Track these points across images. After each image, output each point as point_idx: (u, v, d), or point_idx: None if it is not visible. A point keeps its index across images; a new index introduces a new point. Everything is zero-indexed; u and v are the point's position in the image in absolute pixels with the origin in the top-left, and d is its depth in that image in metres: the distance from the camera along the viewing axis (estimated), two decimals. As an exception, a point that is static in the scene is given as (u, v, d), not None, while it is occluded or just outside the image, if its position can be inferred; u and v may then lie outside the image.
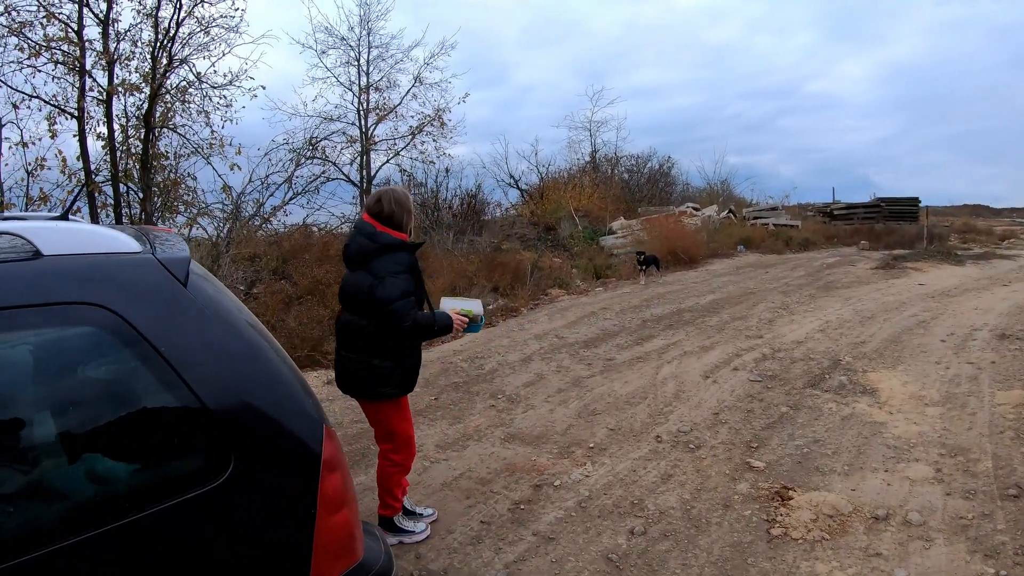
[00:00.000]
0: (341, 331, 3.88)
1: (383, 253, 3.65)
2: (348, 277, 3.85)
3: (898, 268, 16.17)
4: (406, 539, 4.08)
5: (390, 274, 3.57)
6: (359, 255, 3.71)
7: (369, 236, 3.68)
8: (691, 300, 11.99)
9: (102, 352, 1.76)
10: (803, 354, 8.09)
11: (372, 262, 3.64)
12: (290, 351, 7.81)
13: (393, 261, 3.63)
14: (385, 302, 3.53)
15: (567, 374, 7.44)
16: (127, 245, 1.85)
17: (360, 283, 3.66)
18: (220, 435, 1.75)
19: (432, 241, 14.78)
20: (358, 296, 3.68)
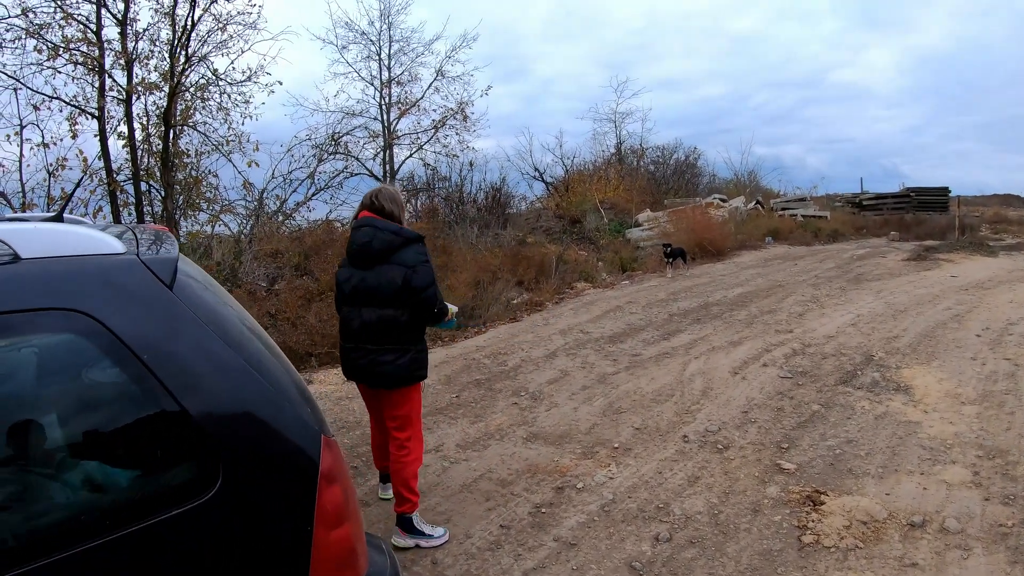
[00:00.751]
0: (368, 328, 3.91)
1: (408, 245, 3.85)
2: (365, 274, 3.91)
3: (930, 260, 15.83)
4: (423, 542, 4.05)
5: (420, 263, 3.82)
6: (386, 249, 3.83)
7: (395, 232, 3.85)
8: (719, 293, 11.77)
9: (81, 360, 1.64)
10: (834, 349, 7.88)
11: (399, 254, 3.81)
12: (310, 348, 7.80)
13: (417, 251, 3.87)
14: (421, 289, 3.79)
15: (592, 370, 7.29)
16: (110, 246, 1.73)
17: (389, 276, 3.81)
18: (207, 447, 1.63)
19: (455, 235, 14.65)
20: (386, 289, 3.82)
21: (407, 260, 3.80)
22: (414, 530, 4.05)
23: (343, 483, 1.90)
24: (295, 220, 15.91)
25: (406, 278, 3.78)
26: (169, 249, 1.91)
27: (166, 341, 1.65)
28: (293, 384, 1.90)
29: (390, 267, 3.81)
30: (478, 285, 10.85)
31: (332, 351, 7.92)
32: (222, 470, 1.63)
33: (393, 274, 3.80)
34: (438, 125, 19.27)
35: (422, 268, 3.83)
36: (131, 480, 1.66)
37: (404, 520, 4.04)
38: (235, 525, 1.66)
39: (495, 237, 15.49)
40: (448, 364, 7.74)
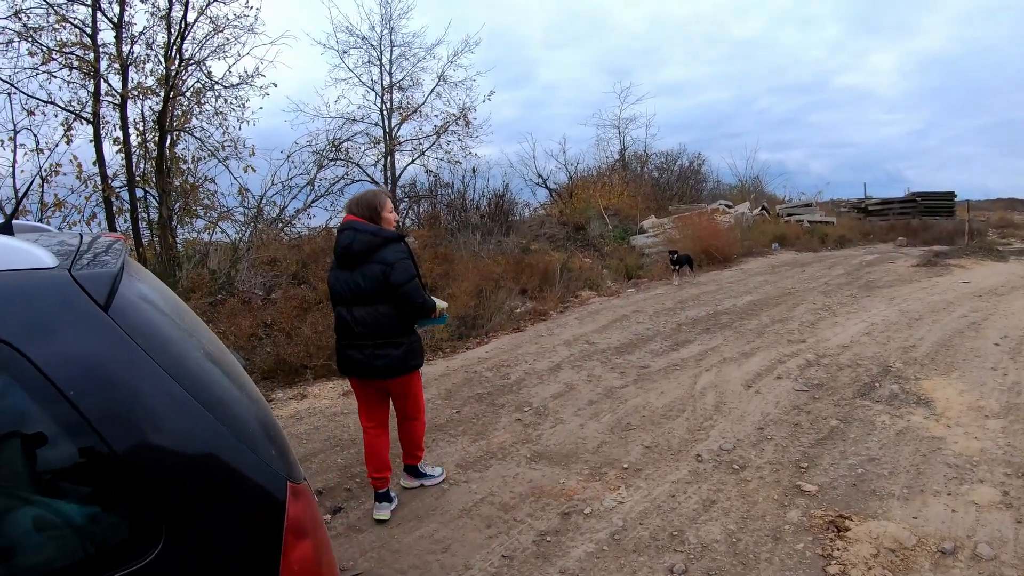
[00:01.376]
0: (360, 325, 4.22)
1: (387, 244, 4.17)
2: (350, 275, 4.22)
3: (940, 265, 15.53)
4: (427, 482, 4.89)
5: (399, 261, 4.15)
6: (367, 249, 4.14)
7: (373, 233, 4.17)
8: (728, 301, 11.48)
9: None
10: (850, 360, 7.58)
11: (379, 253, 4.14)
12: (305, 360, 7.51)
13: (396, 250, 4.20)
14: (400, 284, 4.12)
15: (598, 384, 7.00)
16: (38, 260, 1.44)
17: (372, 274, 4.13)
18: (146, 500, 1.35)
19: (457, 242, 14.38)
20: (368, 287, 4.15)
21: (386, 258, 4.13)
22: (420, 473, 4.89)
23: (315, 537, 1.60)
24: (295, 227, 15.70)
25: (385, 275, 4.11)
26: (110, 262, 1.62)
27: (97, 373, 1.36)
28: (257, 421, 1.60)
29: (372, 266, 4.14)
30: (480, 294, 10.57)
31: (328, 363, 7.64)
32: (165, 528, 1.35)
33: (375, 272, 4.13)
34: (440, 131, 19.01)
35: (400, 265, 4.14)
36: (47, 541, 1.36)
37: (411, 468, 4.87)
38: (181, 596, 1.37)
39: (498, 244, 15.21)
40: (448, 377, 7.45)
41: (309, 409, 6.63)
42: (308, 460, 5.44)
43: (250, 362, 7.72)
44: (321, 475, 5.16)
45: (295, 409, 6.66)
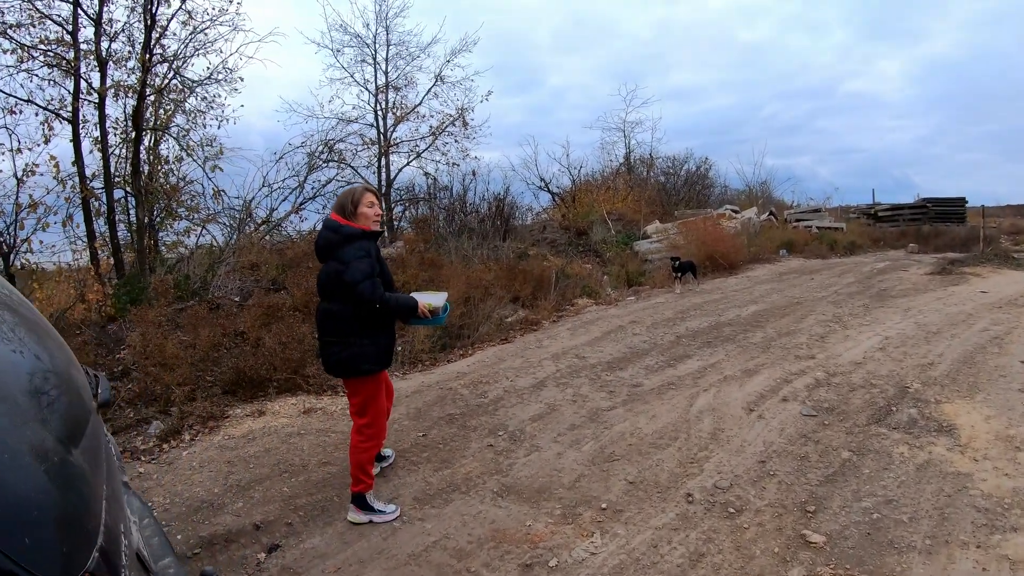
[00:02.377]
0: (320, 319, 4.31)
1: (347, 243, 4.11)
2: (321, 269, 4.32)
3: (956, 274, 14.85)
4: (376, 518, 4.36)
5: (355, 259, 4.06)
6: (326, 246, 4.19)
7: (333, 229, 4.17)
8: (731, 312, 10.80)
9: None
10: (863, 379, 6.91)
11: (338, 251, 4.12)
12: (268, 373, 6.88)
13: (356, 247, 4.10)
14: (353, 284, 4.03)
15: (584, 405, 6.33)
16: None
17: (330, 271, 4.17)
18: None
19: (448, 247, 13.73)
20: (329, 283, 4.20)
21: (344, 256, 4.08)
22: (367, 506, 4.37)
23: None
24: (285, 230, 15.15)
25: (339, 272, 4.09)
26: None
27: None
28: (45, 493, 0.97)
29: (331, 263, 4.18)
30: (468, 302, 9.91)
31: (292, 377, 7.02)
32: None
33: (331, 269, 4.16)
34: (436, 132, 18.41)
35: (356, 264, 4.04)
36: None
37: (358, 498, 4.37)
38: None
39: (493, 250, 14.57)
40: (421, 394, 6.81)
41: (264, 428, 5.99)
42: (252, 487, 4.81)
43: (216, 372, 7.13)
44: (262, 506, 4.54)
45: (249, 428, 6.03)
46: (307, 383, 7.05)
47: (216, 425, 6.11)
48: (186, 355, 7.20)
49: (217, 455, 5.43)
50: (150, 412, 6.42)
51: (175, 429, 5.98)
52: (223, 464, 5.25)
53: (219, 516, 4.42)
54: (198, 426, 6.08)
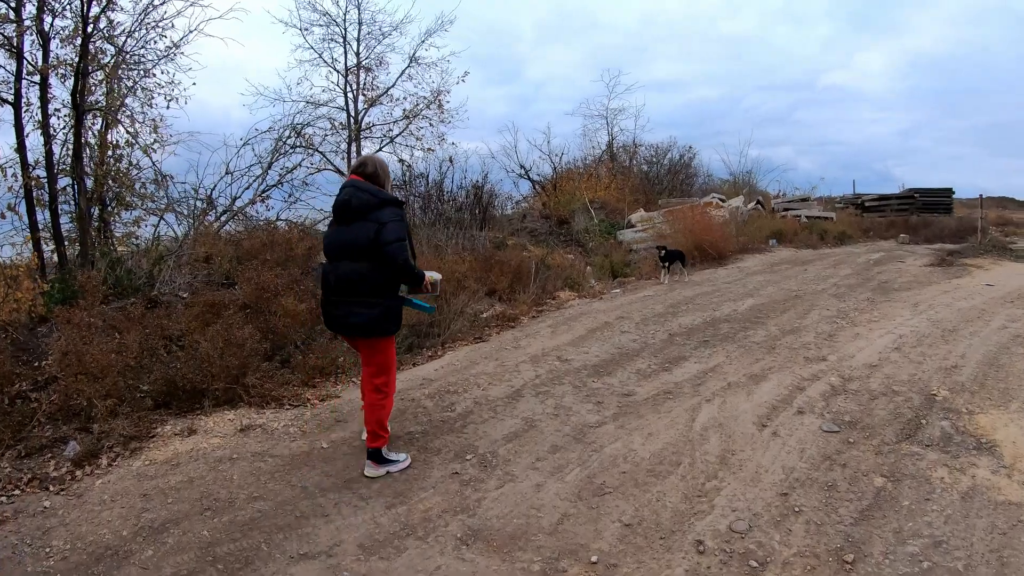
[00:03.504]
0: (342, 281, 4.37)
1: (384, 206, 4.31)
2: (343, 231, 4.40)
3: (956, 265, 14.21)
4: (392, 468, 4.57)
5: (392, 220, 4.27)
6: (362, 207, 4.31)
7: (372, 193, 4.35)
8: (727, 306, 9.93)
9: None
10: (882, 384, 6.08)
11: (375, 213, 4.27)
12: (204, 383, 5.93)
13: (392, 212, 4.31)
14: (386, 243, 4.20)
15: (567, 420, 5.40)
16: None
17: (363, 232, 4.26)
18: None
19: (419, 237, 12.76)
20: (358, 243, 4.28)
21: (381, 218, 4.25)
22: (383, 460, 4.57)
23: None
24: (252, 220, 14.06)
25: (377, 233, 4.21)
26: None
27: None
28: None
29: (365, 223, 4.27)
30: (438, 297, 8.96)
31: (232, 387, 6.06)
32: None
33: (367, 229, 4.25)
34: (409, 115, 17.40)
35: (392, 225, 4.25)
36: None
37: (375, 453, 4.56)
38: None
39: (469, 239, 13.61)
40: (379, 407, 5.89)
41: (192, 451, 5.04)
42: (167, 529, 3.87)
43: (143, 384, 6.17)
44: (176, 555, 3.60)
45: (175, 451, 5.07)
46: (248, 394, 6.08)
47: (139, 447, 5.15)
48: (116, 362, 6.23)
49: (133, 486, 4.48)
50: (69, 429, 5.46)
51: (92, 451, 5.02)
52: (138, 498, 4.31)
53: (122, 569, 3.48)
54: (119, 447, 5.11)
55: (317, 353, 7.09)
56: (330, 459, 4.82)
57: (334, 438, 5.20)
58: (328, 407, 5.93)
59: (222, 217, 13.61)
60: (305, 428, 5.45)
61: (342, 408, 5.86)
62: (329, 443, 5.10)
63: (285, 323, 7.47)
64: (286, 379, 6.63)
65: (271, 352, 7.24)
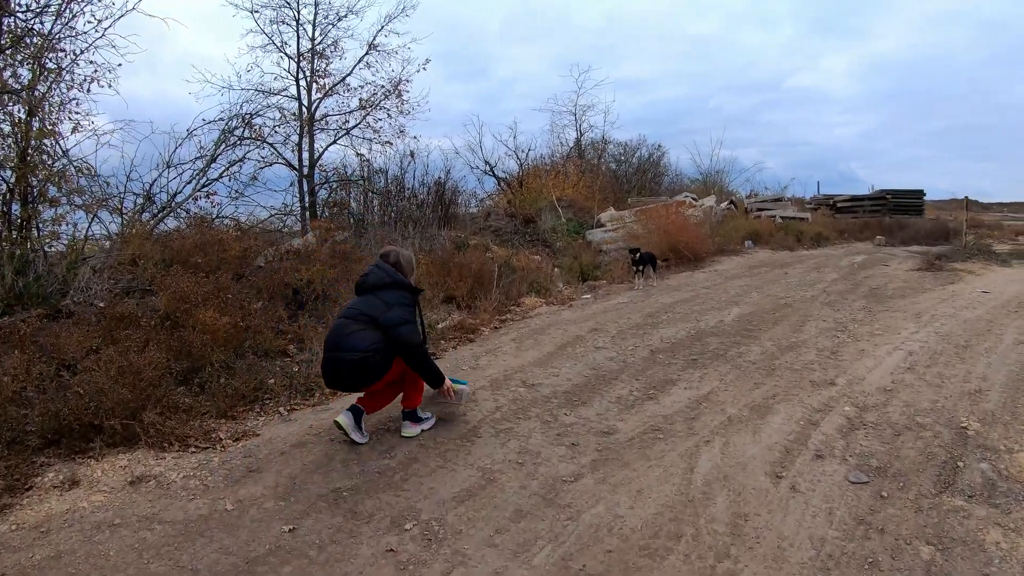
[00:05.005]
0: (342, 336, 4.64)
1: (394, 288, 4.77)
2: (356, 301, 4.86)
3: (946, 271, 13.39)
4: (425, 426, 4.96)
5: (399, 304, 4.69)
6: (376, 284, 4.81)
7: (389, 274, 4.84)
8: (711, 315, 8.95)
9: None
10: (904, 415, 5.15)
11: (384, 292, 4.74)
12: (98, 419, 4.82)
13: (399, 296, 4.74)
14: (394, 324, 4.60)
15: (535, 470, 4.34)
16: None
17: (374, 304, 4.70)
18: None
19: (370, 238, 11.62)
20: (368, 314, 4.66)
21: (388, 299, 4.70)
22: (418, 419, 4.94)
23: None
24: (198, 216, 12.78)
25: (381, 311, 4.64)
26: None
27: None
28: None
29: (375, 298, 4.73)
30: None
31: (129, 423, 4.92)
32: None
33: (377, 304, 4.68)
34: (366, 105, 16.23)
35: (398, 308, 4.67)
36: None
37: (411, 414, 4.91)
38: None
39: (428, 239, 12.51)
40: (301, 451, 4.75)
41: (68, 513, 3.90)
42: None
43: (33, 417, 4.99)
44: None
45: (48, 511, 3.93)
46: (147, 433, 4.94)
47: (11, 503, 4.02)
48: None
49: (-17, 564, 3.38)
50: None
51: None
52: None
53: None
54: (-12, 503, 4.00)
55: (240, 377, 5.99)
56: (233, 527, 3.73)
57: (242, 495, 4.10)
58: (241, 450, 4.81)
59: (159, 214, 12.35)
60: (208, 480, 4.34)
61: (258, 451, 4.75)
62: (235, 503, 4.01)
63: (204, 340, 6.35)
64: (203, 408, 5.50)
65: (187, 375, 6.12)
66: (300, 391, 6.00)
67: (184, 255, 9.07)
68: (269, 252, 9.81)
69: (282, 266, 8.57)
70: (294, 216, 14.65)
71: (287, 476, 4.34)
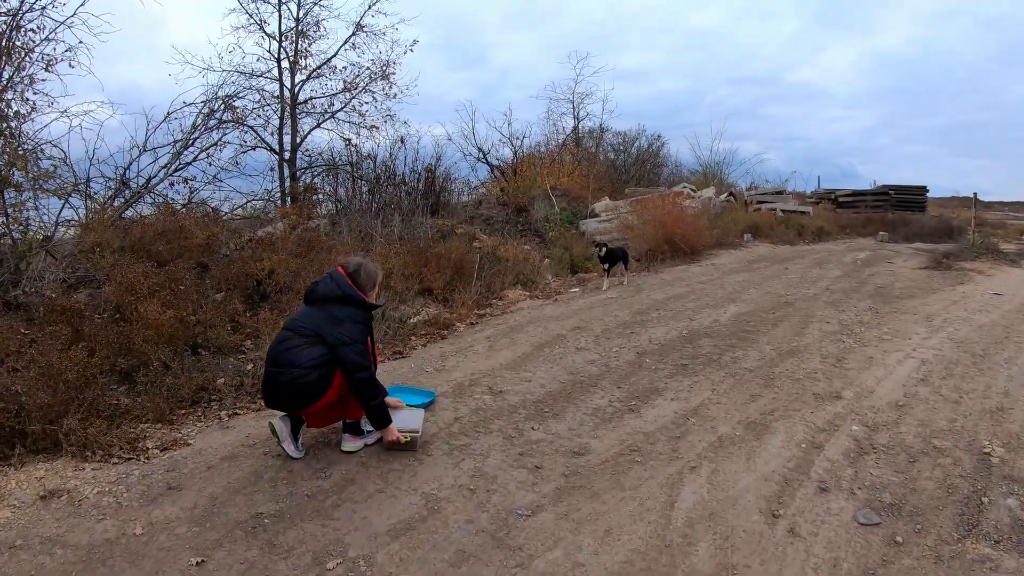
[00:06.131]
0: (281, 355, 4.06)
1: (344, 303, 4.19)
2: (303, 312, 4.29)
3: (954, 270, 12.73)
4: (368, 440, 4.39)
5: (349, 321, 4.12)
6: (324, 296, 4.22)
7: (340, 286, 4.23)
8: (706, 314, 8.30)
9: None
10: (918, 436, 4.54)
11: (333, 305, 4.17)
12: (20, 424, 4.20)
13: (350, 312, 4.17)
14: (339, 344, 4.02)
15: (488, 499, 3.69)
16: None
17: (316, 317, 4.14)
18: None
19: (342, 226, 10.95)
20: (309, 327, 4.09)
21: (338, 314, 4.13)
22: (360, 432, 4.39)
23: None
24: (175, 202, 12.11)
25: (326, 326, 4.07)
26: None
27: None
28: None
29: (320, 312, 4.16)
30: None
31: (51, 428, 4.29)
32: None
33: (318, 317, 4.13)
34: (350, 87, 15.55)
35: (348, 325, 4.11)
36: None
37: (353, 426, 4.35)
38: None
39: (412, 227, 11.83)
40: (229, 466, 4.11)
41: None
42: None
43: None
44: None
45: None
46: (68, 440, 4.31)
47: None
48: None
49: None
50: None
51: None
52: None
53: None
54: None
55: (182, 377, 5.37)
56: (138, 555, 3.13)
57: (156, 518, 3.49)
58: (166, 462, 4.18)
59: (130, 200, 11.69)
60: (124, 498, 3.73)
61: (183, 465, 4.13)
62: (146, 526, 3.40)
63: (146, 336, 5.71)
64: (140, 412, 4.89)
65: (129, 374, 5.50)
66: (250, 392, 5.39)
67: (146, 243, 8.43)
68: (235, 240, 9.19)
69: (241, 255, 7.92)
70: (274, 202, 14.03)
71: (208, 496, 3.72)
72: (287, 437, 4.12)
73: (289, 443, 4.13)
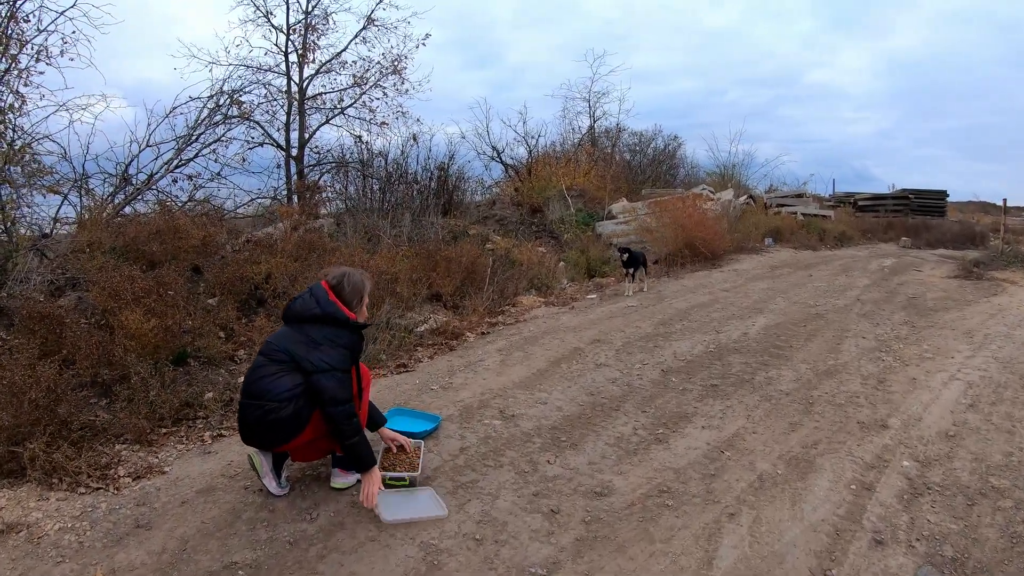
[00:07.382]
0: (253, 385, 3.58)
1: (326, 323, 3.62)
2: (282, 331, 3.73)
3: (986, 279, 12.14)
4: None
5: (327, 343, 3.55)
6: (302, 314, 3.66)
7: (321, 304, 3.65)
8: (733, 326, 7.80)
9: None
10: (974, 472, 4.07)
11: (313, 326, 3.61)
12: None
13: (332, 333, 3.60)
14: (317, 371, 3.48)
15: (497, 552, 3.21)
16: None
17: (293, 340, 3.59)
18: None
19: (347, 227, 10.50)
20: (285, 350, 3.57)
21: (315, 335, 3.57)
22: None
23: None
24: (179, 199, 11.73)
25: (303, 352, 3.53)
26: None
27: None
28: None
29: (298, 333, 3.61)
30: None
31: (16, 452, 3.87)
32: None
33: (295, 340, 3.58)
34: (360, 82, 15.13)
35: (326, 349, 3.54)
36: None
37: (342, 459, 3.82)
38: None
39: (421, 228, 11.39)
40: (196, 505, 3.64)
41: None
42: None
43: None
44: None
45: None
46: (33, 465, 3.87)
47: None
48: None
49: None
50: None
51: None
52: None
53: None
54: None
55: (162, 392, 4.93)
56: (89, 614, 2.69)
57: (119, 563, 3.05)
58: (138, 494, 3.74)
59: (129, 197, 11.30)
60: (86, 536, 3.30)
61: (155, 498, 3.68)
62: (107, 573, 2.96)
63: (127, 346, 5.28)
64: (118, 431, 4.47)
65: (110, 385, 5.08)
66: (234, 410, 4.95)
67: (139, 243, 8.02)
68: (232, 242, 8.78)
69: (236, 258, 7.48)
70: (280, 200, 13.65)
71: (178, 538, 3.27)
72: (268, 472, 3.65)
73: (270, 479, 3.66)
